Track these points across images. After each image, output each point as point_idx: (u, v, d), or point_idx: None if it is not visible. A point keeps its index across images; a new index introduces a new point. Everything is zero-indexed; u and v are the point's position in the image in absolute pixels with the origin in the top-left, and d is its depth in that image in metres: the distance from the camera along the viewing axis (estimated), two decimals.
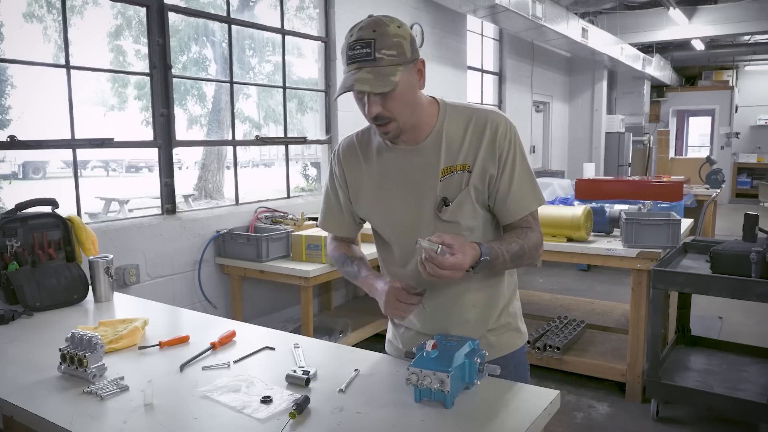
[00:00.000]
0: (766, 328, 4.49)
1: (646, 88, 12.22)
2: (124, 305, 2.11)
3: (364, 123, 1.52)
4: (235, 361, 1.53)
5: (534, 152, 9.23)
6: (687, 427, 3.05)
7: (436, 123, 1.42)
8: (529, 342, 3.59)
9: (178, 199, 3.75)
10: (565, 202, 4.46)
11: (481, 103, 7.61)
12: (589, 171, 8.28)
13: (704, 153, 12.73)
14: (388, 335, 1.67)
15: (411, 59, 1.31)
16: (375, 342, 3.77)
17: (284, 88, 4.49)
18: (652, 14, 9.53)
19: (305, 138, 4.72)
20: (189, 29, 7.51)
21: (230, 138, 4.26)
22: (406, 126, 1.36)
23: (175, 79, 3.56)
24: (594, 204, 3.75)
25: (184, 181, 7.42)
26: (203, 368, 1.49)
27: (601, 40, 8.31)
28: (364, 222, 1.61)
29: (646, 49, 10.89)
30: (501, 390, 1.33)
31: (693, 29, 9.32)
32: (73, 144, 3.10)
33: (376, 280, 1.46)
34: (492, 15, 5.98)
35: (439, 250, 1.23)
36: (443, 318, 1.48)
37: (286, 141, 4.52)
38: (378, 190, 1.48)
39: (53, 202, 2.24)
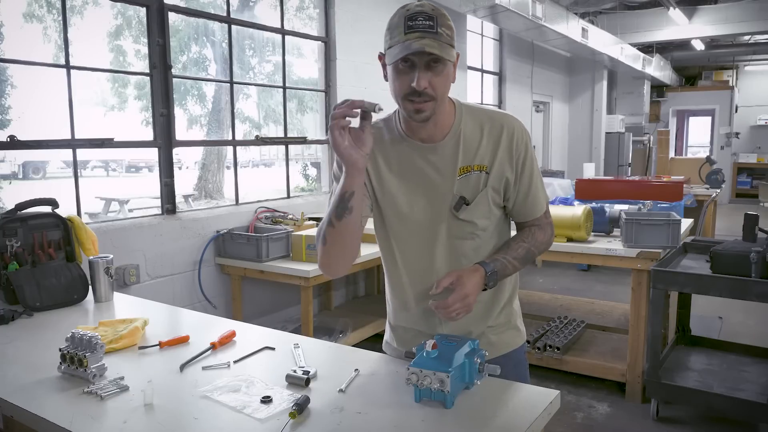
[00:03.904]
0: (766, 328, 4.49)
1: (646, 88, 12.22)
2: (124, 305, 2.11)
3: None
4: (235, 361, 1.53)
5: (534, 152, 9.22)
6: (687, 427, 3.05)
7: (453, 121, 1.42)
8: (528, 342, 3.59)
9: (178, 199, 3.75)
10: (565, 202, 4.46)
11: (481, 103, 7.61)
12: (589, 171, 8.29)
13: (704, 153, 12.73)
14: (386, 337, 1.67)
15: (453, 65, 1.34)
16: (375, 342, 3.75)
17: (284, 88, 4.49)
18: (652, 14, 9.54)
19: (305, 138, 4.72)
20: (189, 29, 7.51)
21: (230, 138, 4.26)
22: (438, 110, 1.36)
23: (175, 79, 3.56)
24: (594, 204, 3.75)
25: (184, 181, 7.41)
26: (203, 368, 1.49)
27: (601, 40, 8.31)
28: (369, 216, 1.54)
29: (646, 49, 10.89)
30: (501, 390, 1.33)
31: (693, 29, 9.33)
32: (73, 144, 3.10)
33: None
34: (492, 15, 5.98)
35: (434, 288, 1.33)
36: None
37: (286, 141, 4.52)
38: (391, 185, 1.45)
39: (53, 202, 2.23)
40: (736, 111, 13.95)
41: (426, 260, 1.45)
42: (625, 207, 3.78)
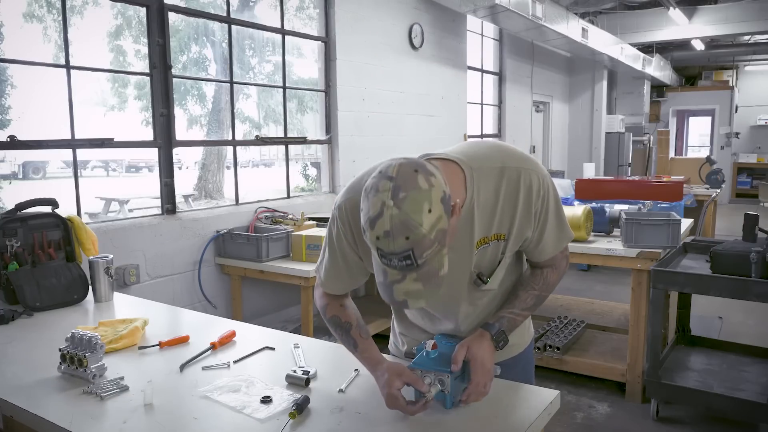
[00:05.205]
0: (766, 328, 4.49)
1: (646, 88, 12.22)
2: (124, 305, 2.11)
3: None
4: (235, 361, 1.53)
5: (534, 152, 9.22)
6: (687, 427, 3.05)
7: (466, 196, 1.23)
8: None
9: (178, 199, 3.75)
10: (565, 202, 4.46)
11: (481, 103, 7.60)
12: (589, 171, 8.29)
13: (704, 153, 12.73)
14: (392, 338, 1.66)
15: (449, 222, 1.10)
16: (375, 342, 3.76)
17: (284, 88, 4.49)
18: (652, 14, 9.54)
19: (305, 138, 4.72)
20: (189, 29, 7.51)
21: (230, 138, 4.26)
22: None
23: (175, 79, 3.57)
24: (594, 204, 3.75)
25: (184, 181, 7.41)
26: (203, 368, 1.49)
27: (601, 40, 8.31)
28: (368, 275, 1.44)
29: (646, 49, 10.89)
30: (501, 390, 1.33)
31: (693, 29, 9.32)
32: (73, 144, 3.10)
33: (376, 365, 1.31)
34: (492, 15, 5.98)
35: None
36: (461, 322, 1.43)
37: (286, 141, 4.52)
38: None
39: (53, 202, 2.24)
40: (736, 111, 13.94)
41: (447, 323, 1.43)
42: (625, 207, 3.78)
